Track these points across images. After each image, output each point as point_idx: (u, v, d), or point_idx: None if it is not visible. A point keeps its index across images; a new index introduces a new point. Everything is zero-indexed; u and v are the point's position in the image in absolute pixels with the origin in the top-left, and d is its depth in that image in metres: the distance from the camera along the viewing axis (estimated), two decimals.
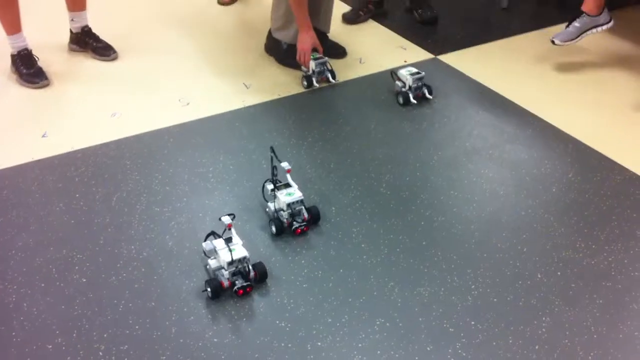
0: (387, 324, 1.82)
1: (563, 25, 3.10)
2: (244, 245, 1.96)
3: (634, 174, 2.40)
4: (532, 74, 3.15)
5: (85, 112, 2.88)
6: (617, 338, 1.76)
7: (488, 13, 3.88)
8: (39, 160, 2.54)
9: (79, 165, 2.51)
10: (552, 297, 1.89)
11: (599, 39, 3.38)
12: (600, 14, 2.99)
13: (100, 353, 1.74)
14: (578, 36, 3.03)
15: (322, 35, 3.30)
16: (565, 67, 3.19)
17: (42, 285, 1.97)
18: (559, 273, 1.98)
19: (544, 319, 1.82)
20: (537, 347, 1.74)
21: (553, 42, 3.07)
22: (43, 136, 2.70)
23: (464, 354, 1.73)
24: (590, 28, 3.01)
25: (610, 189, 2.33)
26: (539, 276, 1.97)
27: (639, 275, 1.96)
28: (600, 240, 2.10)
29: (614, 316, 1.83)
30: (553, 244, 2.09)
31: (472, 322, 1.82)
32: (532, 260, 2.03)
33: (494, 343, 1.76)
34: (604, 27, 3.03)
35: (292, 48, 3.10)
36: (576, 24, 3.01)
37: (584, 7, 2.99)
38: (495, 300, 1.89)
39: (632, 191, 2.31)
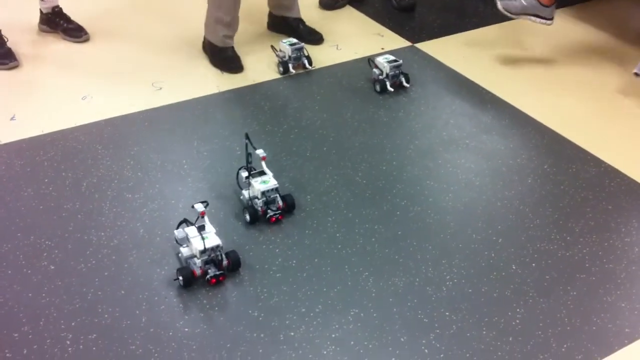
0: (362, 314, 1.80)
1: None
2: (217, 233, 1.92)
3: (609, 165, 2.40)
4: (509, 63, 3.14)
5: (56, 95, 2.82)
6: (590, 330, 1.76)
7: (466, 1, 3.86)
8: (6, 144, 2.48)
9: (49, 149, 2.45)
10: (527, 289, 1.89)
11: (575, 32, 3.40)
12: (549, 7, 2.96)
13: (68, 342, 1.70)
14: (518, 14, 2.97)
15: (298, 21, 3.26)
16: (542, 58, 3.19)
17: (9, 272, 1.92)
18: (533, 264, 1.97)
19: (518, 310, 1.82)
20: (510, 339, 1.73)
21: (495, 1, 3.00)
22: (11, 119, 2.64)
23: (438, 345, 1.72)
24: (533, 14, 2.96)
25: (585, 180, 2.33)
26: (514, 267, 1.96)
27: (613, 268, 1.96)
28: (575, 232, 2.10)
29: (588, 308, 1.83)
30: (528, 236, 2.08)
31: (447, 313, 1.81)
32: (507, 252, 2.02)
33: (468, 334, 1.75)
34: (543, 21, 2.96)
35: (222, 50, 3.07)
36: (523, 1, 2.97)
37: None
38: (469, 291, 1.88)
39: (607, 183, 2.32)
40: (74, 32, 3.25)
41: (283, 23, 3.28)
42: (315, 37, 3.28)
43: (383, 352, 1.70)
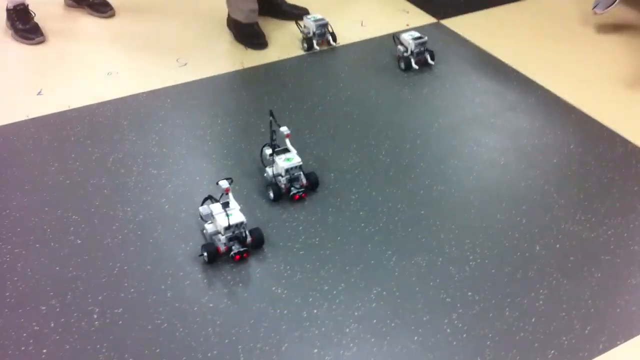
0: (384, 293, 1.81)
1: None
2: (241, 210, 1.93)
3: (636, 146, 2.37)
4: (536, 41, 3.10)
5: (82, 70, 2.84)
6: (614, 312, 1.76)
7: None
8: (34, 119, 2.51)
9: (75, 124, 2.47)
10: (550, 270, 1.88)
11: (611, 11, 3.33)
12: None
13: (95, 315, 1.73)
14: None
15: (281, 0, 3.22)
16: (570, 36, 3.15)
17: (37, 245, 1.95)
18: (557, 245, 1.96)
19: (541, 291, 1.81)
20: (533, 320, 1.73)
21: (595, 12, 3.00)
22: (38, 94, 2.66)
23: (460, 325, 1.72)
24: None
25: (611, 161, 2.31)
26: (538, 248, 1.96)
27: (638, 250, 1.95)
28: (600, 213, 2.08)
29: (612, 290, 1.82)
30: (552, 216, 2.07)
31: (469, 293, 1.81)
32: (531, 232, 2.01)
33: (491, 314, 1.75)
34: None
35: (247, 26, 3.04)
36: None
37: None
38: (493, 271, 1.88)
39: (633, 164, 2.29)
40: (100, 7, 3.26)
41: (267, 6, 3.18)
42: (299, 12, 3.19)
43: (406, 330, 1.71)
